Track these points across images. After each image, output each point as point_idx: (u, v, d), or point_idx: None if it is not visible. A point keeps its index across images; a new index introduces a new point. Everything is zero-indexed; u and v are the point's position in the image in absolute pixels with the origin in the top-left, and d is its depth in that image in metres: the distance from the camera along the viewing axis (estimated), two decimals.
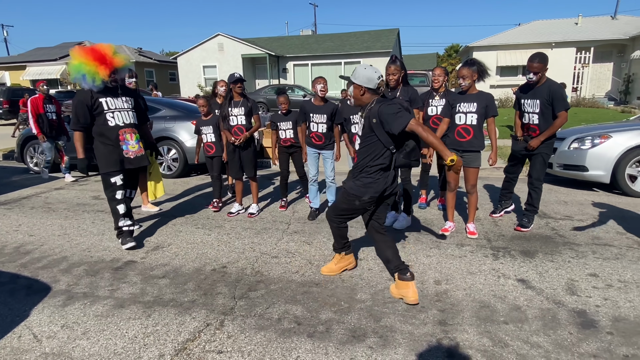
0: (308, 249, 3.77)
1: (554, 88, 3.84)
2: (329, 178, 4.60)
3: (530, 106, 3.99)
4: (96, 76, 3.57)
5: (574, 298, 2.79)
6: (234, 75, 4.48)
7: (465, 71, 3.77)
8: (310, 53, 23.60)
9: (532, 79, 3.87)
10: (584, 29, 21.01)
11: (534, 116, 3.97)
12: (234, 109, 4.53)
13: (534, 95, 3.94)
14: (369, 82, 2.72)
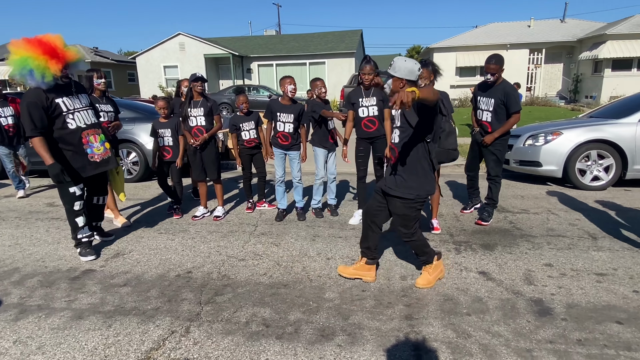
0: (276, 250, 3.74)
1: (508, 90, 4.04)
2: (296, 178, 4.58)
3: (485, 104, 4.18)
4: (46, 71, 3.15)
5: (531, 288, 2.93)
6: (195, 74, 4.38)
7: (424, 72, 3.87)
8: (274, 53, 23.48)
9: (490, 79, 4.06)
10: (536, 31, 22.10)
11: (487, 114, 4.16)
12: (194, 109, 4.42)
13: (489, 94, 4.13)
14: (410, 74, 2.69)
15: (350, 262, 3.42)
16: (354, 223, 4.39)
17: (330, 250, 3.71)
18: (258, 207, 5.03)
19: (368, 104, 4.11)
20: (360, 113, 4.15)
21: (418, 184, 2.72)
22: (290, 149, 4.48)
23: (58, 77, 3.29)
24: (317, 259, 3.51)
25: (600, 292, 2.84)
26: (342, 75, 21.64)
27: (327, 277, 3.17)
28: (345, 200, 5.36)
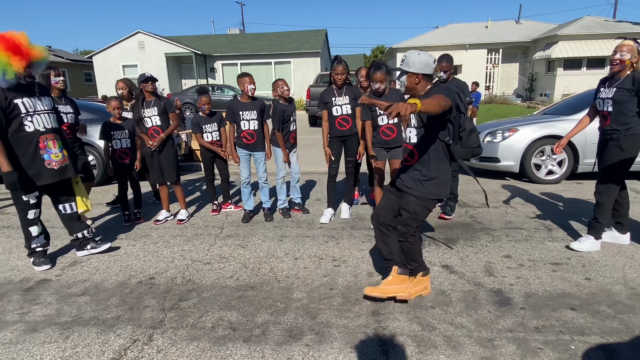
0: (243, 252, 3.69)
1: (460, 84, 4.30)
2: (262, 179, 4.52)
3: None
4: (8, 69, 2.95)
5: (492, 279, 3.04)
6: (144, 74, 4.22)
7: (380, 75, 3.92)
8: (239, 52, 23.18)
9: (443, 77, 4.24)
10: (493, 32, 22.98)
11: None
12: (147, 110, 4.25)
13: None
14: (426, 67, 2.48)
15: (318, 262, 3.42)
16: (324, 222, 4.40)
17: (298, 250, 3.69)
18: (224, 209, 4.94)
19: (341, 102, 4.16)
20: (334, 112, 4.19)
21: (436, 184, 2.53)
22: (255, 148, 4.38)
23: (20, 76, 3.08)
24: (284, 260, 3.49)
25: (556, 281, 2.98)
26: (308, 75, 21.65)
27: (295, 277, 3.16)
28: (313, 200, 5.36)
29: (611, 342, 2.26)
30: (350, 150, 4.32)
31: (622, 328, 2.38)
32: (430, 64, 2.49)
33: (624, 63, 3.13)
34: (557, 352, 2.19)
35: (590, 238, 3.47)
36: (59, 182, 3.43)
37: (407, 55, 2.53)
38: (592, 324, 2.44)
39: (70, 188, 3.59)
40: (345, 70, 4.11)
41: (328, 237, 4.00)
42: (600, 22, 20.51)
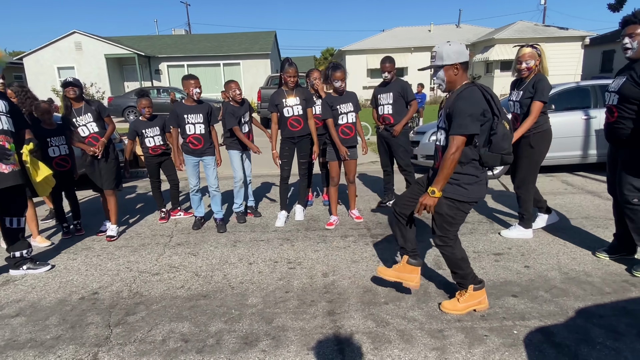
0: (194, 260, 3.57)
1: (403, 84, 4.53)
2: (213, 186, 4.32)
3: (385, 99, 4.54)
4: None
5: (441, 272, 3.17)
6: (66, 79, 3.90)
7: (340, 74, 4.05)
8: (185, 53, 22.48)
9: (388, 77, 4.44)
10: (435, 35, 24.01)
11: (388, 107, 4.52)
12: (79, 118, 3.94)
13: (388, 90, 4.51)
14: (461, 55, 2.31)
15: (273, 265, 3.39)
16: (279, 225, 4.36)
17: (252, 254, 3.64)
18: (172, 216, 4.76)
19: (292, 103, 4.15)
20: (285, 113, 4.17)
21: (465, 187, 2.39)
22: (204, 153, 4.22)
23: None
24: (238, 265, 3.42)
25: (498, 270, 3.16)
26: (258, 77, 21.44)
27: (250, 282, 3.11)
28: (267, 203, 5.31)
29: (549, 324, 2.43)
30: (303, 152, 4.33)
31: (558, 310, 2.57)
32: (464, 51, 2.34)
33: (530, 69, 3.45)
34: (501, 338, 2.32)
35: (519, 227, 3.79)
36: (9, 191, 3.15)
37: (438, 49, 2.36)
38: (531, 308, 2.61)
39: (21, 200, 3.32)
40: (297, 72, 4.12)
41: (283, 239, 3.97)
42: (532, 27, 22.10)
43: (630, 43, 2.77)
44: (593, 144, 5.85)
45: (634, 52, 2.78)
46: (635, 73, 2.76)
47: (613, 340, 2.25)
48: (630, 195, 2.87)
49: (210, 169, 4.27)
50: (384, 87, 4.55)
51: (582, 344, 2.23)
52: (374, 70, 22.84)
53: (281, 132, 4.28)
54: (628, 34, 2.78)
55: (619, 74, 2.97)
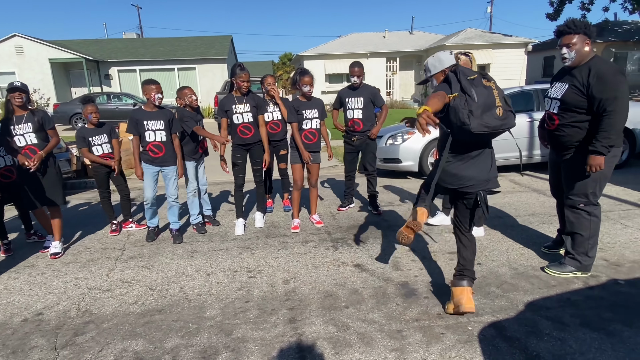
0: (148, 274, 3.43)
1: (373, 89, 4.62)
2: (172, 197, 4.14)
3: (354, 103, 4.57)
4: None
5: (399, 273, 3.23)
6: (12, 83, 3.64)
7: (309, 79, 4.09)
8: (137, 58, 21.66)
9: (357, 81, 4.48)
10: (390, 41, 24.66)
11: (358, 112, 4.56)
12: (18, 126, 3.67)
13: (358, 94, 4.56)
14: (442, 62, 2.57)
15: (232, 275, 3.32)
16: (238, 233, 4.28)
17: (211, 265, 3.55)
18: (124, 228, 4.55)
19: (242, 110, 4.08)
20: (235, 120, 4.08)
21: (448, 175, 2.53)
22: (165, 162, 4.03)
23: None
24: (196, 277, 3.32)
25: (452, 269, 3.26)
26: (215, 82, 21.05)
27: (208, 294, 3.02)
28: (226, 210, 5.21)
29: (500, 319, 2.54)
30: (256, 159, 4.28)
31: (509, 305, 2.69)
32: (448, 56, 2.58)
33: None
34: (457, 335, 2.39)
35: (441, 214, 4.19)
36: None
37: (427, 63, 2.65)
38: (484, 304, 2.72)
39: None
40: (249, 77, 4.07)
41: (242, 248, 3.90)
42: (479, 34, 23.23)
43: (568, 53, 2.83)
44: (537, 145, 6.22)
45: (571, 61, 2.84)
46: (577, 81, 2.80)
47: (559, 330, 2.39)
48: (577, 200, 2.97)
49: (171, 179, 4.09)
50: (353, 91, 4.58)
51: (531, 336, 2.34)
52: (332, 75, 23.08)
53: (232, 139, 4.20)
54: (565, 44, 2.83)
55: (558, 80, 3.02)
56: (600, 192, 2.95)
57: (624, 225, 4.04)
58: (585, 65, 2.80)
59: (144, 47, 23.79)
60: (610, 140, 2.71)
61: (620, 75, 2.73)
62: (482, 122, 2.26)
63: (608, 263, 3.22)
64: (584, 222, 2.97)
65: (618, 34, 22.02)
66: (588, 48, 2.80)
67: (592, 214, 2.95)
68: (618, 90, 2.67)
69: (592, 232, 2.97)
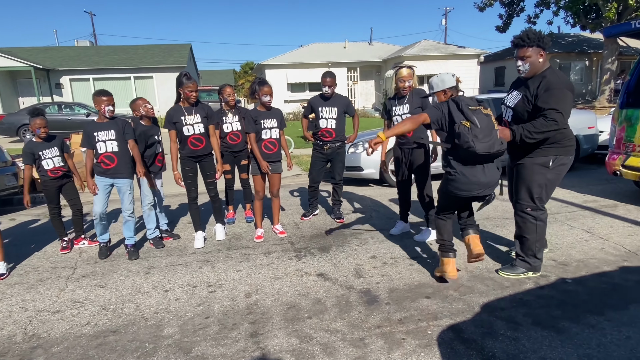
0: (102, 293, 3.26)
1: (345, 99, 4.73)
2: (127, 212, 3.96)
3: (328, 113, 4.59)
4: None
5: (361, 280, 3.26)
6: None
7: (268, 89, 4.10)
8: (90, 66, 20.84)
9: (328, 91, 4.53)
10: (350, 52, 25.14)
11: (332, 121, 4.58)
12: None
13: (332, 104, 4.59)
14: (444, 83, 3.01)
15: (191, 290, 3.22)
16: (198, 246, 4.16)
17: (169, 281, 3.43)
18: (76, 245, 4.32)
19: (192, 121, 3.98)
20: (185, 132, 3.98)
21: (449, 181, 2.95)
22: (117, 174, 3.86)
23: None
24: (153, 294, 3.19)
25: (413, 274, 3.34)
26: (174, 91, 20.38)
27: (166, 311, 2.92)
28: (185, 223, 5.07)
29: (458, 321, 2.62)
30: (208, 171, 4.19)
31: (466, 307, 2.78)
32: (450, 78, 3.01)
33: (411, 87, 3.93)
34: (417, 339, 2.44)
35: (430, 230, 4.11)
36: None
37: (432, 81, 3.06)
38: (443, 308, 2.79)
39: None
40: (197, 86, 4.00)
41: (202, 262, 3.80)
42: (435, 45, 24.14)
43: (523, 65, 2.92)
44: None
45: (525, 72, 2.94)
46: (529, 92, 2.91)
47: (513, 330, 2.49)
48: (524, 204, 3.09)
49: (125, 193, 3.92)
50: (326, 100, 4.59)
51: (487, 337, 2.43)
52: (294, 84, 23.18)
53: (181, 151, 4.07)
54: (519, 57, 2.92)
55: (514, 89, 3.11)
56: (546, 197, 3.11)
57: (570, 226, 4.30)
58: (539, 76, 2.89)
59: (98, 55, 22.93)
60: (530, 136, 2.85)
61: (566, 90, 2.81)
62: (486, 145, 2.69)
63: (556, 263, 3.41)
64: (531, 226, 3.10)
65: (562, 45, 23.61)
66: (542, 59, 2.89)
67: (538, 219, 3.09)
68: (559, 104, 2.78)
69: (538, 235, 3.11)
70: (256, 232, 4.36)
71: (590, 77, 23.63)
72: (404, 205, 4.31)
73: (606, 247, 3.71)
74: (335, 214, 4.89)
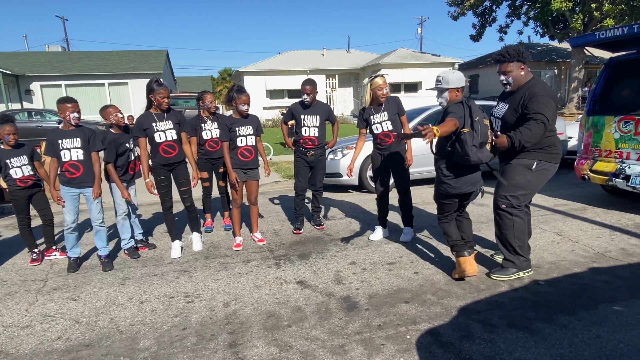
0: (74, 305, 3.16)
1: (327, 107, 4.76)
2: (97, 221, 3.85)
3: (310, 121, 4.57)
4: None
5: (341, 286, 3.27)
6: None
7: (246, 97, 4.09)
8: (62, 72, 20.28)
9: (307, 99, 4.51)
10: (329, 59, 25.35)
11: (314, 129, 4.56)
12: None
13: (314, 112, 4.58)
14: (461, 81, 3.04)
15: (168, 301, 3.16)
16: (175, 256, 4.08)
17: (145, 292, 3.34)
18: (47, 256, 4.17)
19: (164, 127, 3.92)
20: (157, 138, 3.90)
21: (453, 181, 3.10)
22: (83, 183, 3.76)
23: None
24: (128, 306, 3.11)
25: (392, 279, 3.38)
26: None
27: (141, 323, 2.84)
28: (161, 232, 4.97)
29: (436, 325, 2.65)
30: (182, 179, 4.10)
31: (444, 311, 2.82)
32: (463, 78, 3.07)
33: (386, 94, 4.07)
34: (396, 344, 2.46)
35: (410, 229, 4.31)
36: None
37: (444, 75, 3.04)
38: (421, 312, 2.82)
39: None
40: (169, 92, 3.93)
41: (179, 271, 3.73)
42: (411, 53, 24.62)
43: (506, 79, 3.07)
44: None
45: (510, 86, 3.09)
46: (515, 103, 3.05)
47: (489, 332, 2.54)
48: (500, 201, 3.20)
49: (93, 202, 3.81)
50: (308, 108, 4.55)
51: (464, 340, 2.47)
52: (273, 91, 23.17)
53: (153, 159, 3.99)
54: (502, 72, 3.07)
55: (501, 100, 3.28)
56: (524, 198, 3.19)
57: (542, 229, 4.43)
58: (524, 87, 3.04)
59: (71, 60, 22.35)
60: (528, 139, 2.95)
61: (549, 98, 2.96)
62: (480, 156, 2.90)
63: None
64: (507, 222, 3.18)
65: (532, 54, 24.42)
66: (524, 72, 3.05)
67: (513, 214, 3.17)
68: (541, 108, 2.92)
69: (516, 231, 3.18)
70: (235, 240, 4.31)
71: (559, 85, 24.54)
72: (382, 211, 4.35)
73: (576, 249, 3.84)
74: (315, 221, 4.89)
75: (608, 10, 15.57)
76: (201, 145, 4.60)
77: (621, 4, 15.52)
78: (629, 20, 15.65)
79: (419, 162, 5.47)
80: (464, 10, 20.77)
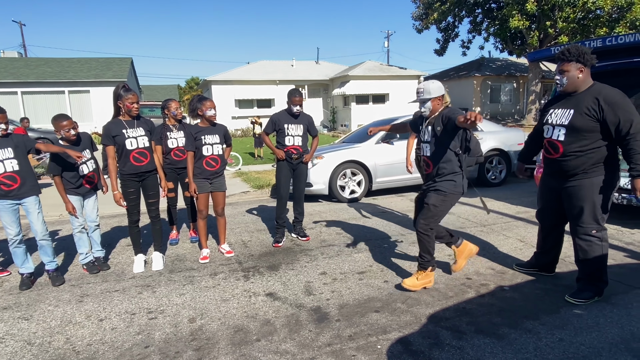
0: (26, 326, 2.94)
1: (310, 117, 4.73)
2: (39, 234, 3.60)
3: (294, 130, 4.56)
4: None
5: (311, 298, 3.22)
6: None
7: (210, 102, 4.04)
8: (19, 79, 19.30)
9: (299, 110, 4.52)
10: (298, 70, 25.50)
11: (298, 139, 4.56)
12: None
13: (299, 122, 4.58)
14: (441, 89, 3.14)
15: (129, 318, 3.00)
16: (138, 271, 3.89)
17: (104, 309, 3.17)
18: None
19: (136, 134, 3.78)
20: (128, 145, 3.75)
21: (452, 184, 3.13)
22: (21, 194, 3.49)
23: None
24: (86, 324, 2.93)
25: (362, 288, 3.36)
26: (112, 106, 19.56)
27: (100, 342, 2.68)
28: (124, 245, 4.75)
29: (406, 334, 2.65)
30: (151, 191, 3.95)
31: (413, 319, 2.83)
32: (442, 86, 3.18)
33: None
34: (367, 355, 2.43)
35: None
36: None
37: (425, 86, 3.15)
38: (391, 321, 2.82)
39: None
40: (138, 98, 3.81)
41: (142, 286, 3.57)
42: (378, 66, 25.16)
43: (560, 79, 2.88)
44: None
45: (563, 87, 2.89)
46: (584, 106, 2.79)
47: (458, 339, 2.56)
48: (589, 227, 2.91)
49: (34, 213, 3.56)
50: (294, 118, 4.53)
51: (434, 348, 2.48)
52: (242, 100, 22.99)
53: (122, 169, 3.80)
54: (559, 70, 2.88)
55: (557, 107, 2.99)
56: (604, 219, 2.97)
57: (505, 236, 4.57)
58: (588, 92, 2.82)
59: (28, 67, 21.33)
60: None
61: (627, 98, 2.75)
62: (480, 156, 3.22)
63: (495, 272, 3.59)
64: (597, 248, 2.93)
65: (492, 69, 25.55)
66: (582, 75, 2.82)
67: (603, 239, 2.94)
68: (632, 112, 2.69)
69: (605, 257, 2.94)
70: (201, 252, 4.18)
71: (518, 98, 25.73)
72: None
73: None
74: (299, 232, 4.79)
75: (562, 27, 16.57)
76: (166, 154, 4.46)
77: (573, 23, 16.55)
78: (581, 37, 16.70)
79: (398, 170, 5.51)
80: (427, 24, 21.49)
